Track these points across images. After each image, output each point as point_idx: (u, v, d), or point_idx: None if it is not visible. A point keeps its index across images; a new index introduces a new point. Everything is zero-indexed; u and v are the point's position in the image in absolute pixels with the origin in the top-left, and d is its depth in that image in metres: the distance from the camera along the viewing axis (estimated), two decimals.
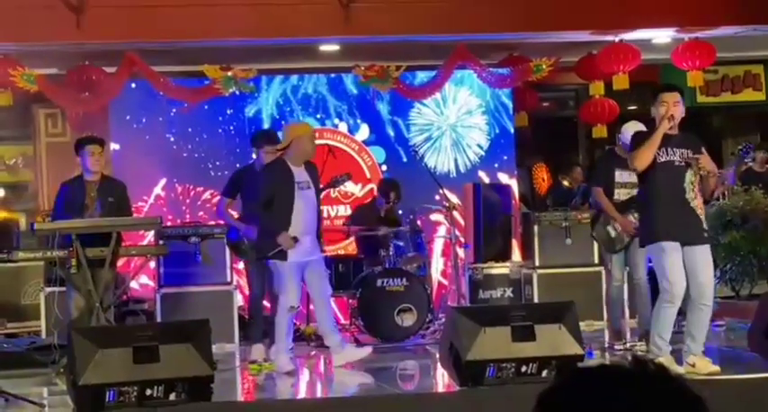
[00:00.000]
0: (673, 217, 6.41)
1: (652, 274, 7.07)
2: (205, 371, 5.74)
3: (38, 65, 9.78)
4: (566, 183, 11.41)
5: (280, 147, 7.66)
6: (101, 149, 7.87)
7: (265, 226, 7.48)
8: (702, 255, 6.50)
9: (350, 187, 10.79)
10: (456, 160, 11.07)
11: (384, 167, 10.91)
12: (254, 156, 8.39)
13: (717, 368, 6.59)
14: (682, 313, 7.33)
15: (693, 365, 6.49)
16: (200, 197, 10.64)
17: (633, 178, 7.60)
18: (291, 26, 9.44)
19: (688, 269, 6.43)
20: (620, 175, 7.82)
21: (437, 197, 9.98)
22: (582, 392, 1.48)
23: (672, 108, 6.49)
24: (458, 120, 11.08)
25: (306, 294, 9.79)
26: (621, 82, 10.25)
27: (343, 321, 10.14)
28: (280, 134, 8.26)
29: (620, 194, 7.84)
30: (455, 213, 9.88)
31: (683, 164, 6.46)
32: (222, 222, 8.92)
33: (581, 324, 6.54)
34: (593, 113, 10.92)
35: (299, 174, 7.45)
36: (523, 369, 6.01)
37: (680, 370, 6.32)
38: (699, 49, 10.16)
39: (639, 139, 6.60)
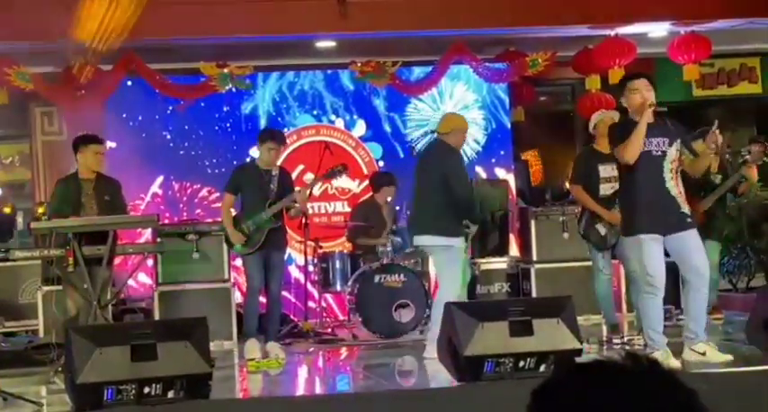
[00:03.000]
0: (653, 208, 6.40)
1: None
2: (203, 368, 5.73)
3: (33, 63, 9.77)
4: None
5: (442, 130, 7.68)
6: (104, 149, 7.92)
7: (474, 209, 7.62)
8: (691, 240, 6.49)
9: (347, 183, 10.80)
10: None
11: (381, 163, 10.92)
12: (252, 153, 8.37)
13: (729, 356, 6.55)
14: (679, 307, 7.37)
15: (704, 353, 6.47)
16: (198, 194, 10.64)
17: (616, 172, 7.61)
18: (287, 23, 9.44)
19: (679, 255, 6.45)
20: (604, 170, 7.85)
21: None
22: (575, 388, 1.48)
23: (645, 94, 6.47)
24: None
25: (304, 290, 9.81)
26: (617, 76, 10.22)
27: (341, 317, 10.16)
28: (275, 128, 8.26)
29: (605, 189, 7.86)
30: None
31: (659, 153, 6.44)
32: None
33: (579, 318, 6.54)
34: (589, 107, 10.91)
35: None
36: (521, 364, 6.01)
37: (676, 363, 6.32)
38: (694, 42, 10.17)
39: (621, 132, 6.52)
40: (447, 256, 7.48)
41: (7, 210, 10.48)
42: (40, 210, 9.49)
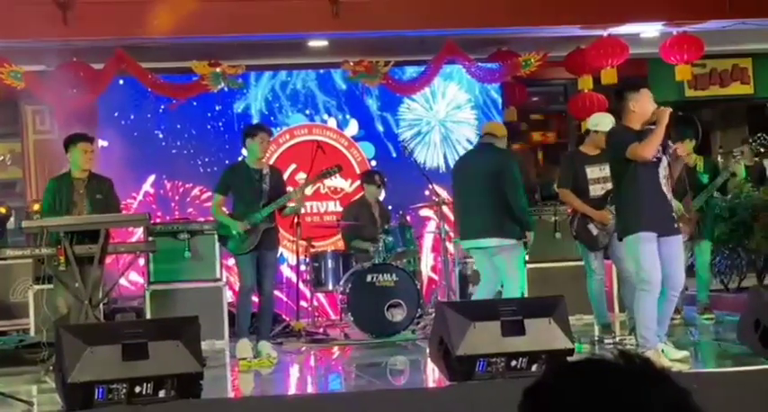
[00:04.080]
0: (652, 210, 6.55)
1: None
2: (194, 367, 5.72)
3: (25, 61, 9.75)
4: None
5: (500, 134, 7.94)
6: (92, 147, 7.88)
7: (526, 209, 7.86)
8: (678, 249, 6.68)
9: (339, 183, 10.79)
10: (445, 155, 11.07)
11: (373, 163, 10.91)
12: (244, 151, 8.34)
13: (686, 353, 6.77)
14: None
15: (662, 351, 6.58)
16: (190, 193, 10.62)
17: (605, 172, 7.64)
18: (280, 22, 9.42)
19: (664, 260, 6.55)
20: (592, 172, 7.90)
21: (426, 192, 9.98)
22: (567, 386, 1.48)
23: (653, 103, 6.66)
24: (447, 116, 11.09)
25: (296, 289, 9.80)
26: (610, 76, 10.26)
27: (332, 317, 10.16)
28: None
29: (596, 190, 7.90)
30: (444, 208, 9.88)
31: (655, 159, 6.57)
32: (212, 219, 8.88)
33: (571, 318, 6.55)
34: (581, 108, 10.93)
35: None
36: (513, 363, 6.01)
37: (668, 362, 6.35)
38: (687, 42, 10.18)
39: (623, 139, 6.61)
40: (515, 255, 7.71)
41: (2, 210, 10.44)
42: (35, 207, 9.47)
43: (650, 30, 10.50)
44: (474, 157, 8.08)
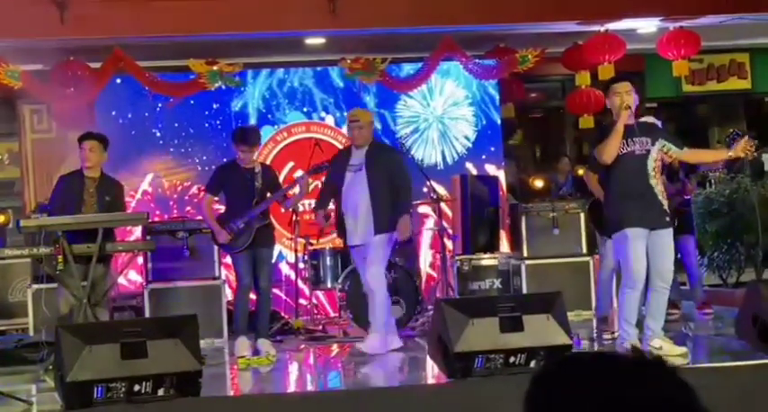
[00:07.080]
0: (637, 203, 6.62)
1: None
2: (193, 366, 5.73)
3: (22, 61, 9.74)
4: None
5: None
6: (95, 145, 7.84)
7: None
8: (666, 240, 6.71)
9: None
10: (443, 152, 11.06)
11: None
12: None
13: (684, 349, 6.80)
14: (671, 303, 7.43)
15: (660, 348, 6.62)
16: (188, 192, 10.62)
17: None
18: (277, 19, 9.42)
19: (652, 253, 6.60)
20: None
21: (425, 189, 9.97)
22: (577, 377, 1.48)
23: (625, 97, 6.68)
24: (444, 112, 11.08)
25: (295, 287, 9.80)
26: (607, 72, 10.24)
27: (331, 314, 10.16)
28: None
29: None
30: (443, 205, 9.89)
31: (643, 152, 6.65)
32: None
33: (569, 314, 6.56)
34: (579, 104, 10.93)
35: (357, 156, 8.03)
36: (512, 360, 6.02)
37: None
38: (684, 38, 10.17)
39: (602, 133, 6.81)
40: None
41: (2, 218, 10.41)
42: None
43: (647, 25, 10.50)
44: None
